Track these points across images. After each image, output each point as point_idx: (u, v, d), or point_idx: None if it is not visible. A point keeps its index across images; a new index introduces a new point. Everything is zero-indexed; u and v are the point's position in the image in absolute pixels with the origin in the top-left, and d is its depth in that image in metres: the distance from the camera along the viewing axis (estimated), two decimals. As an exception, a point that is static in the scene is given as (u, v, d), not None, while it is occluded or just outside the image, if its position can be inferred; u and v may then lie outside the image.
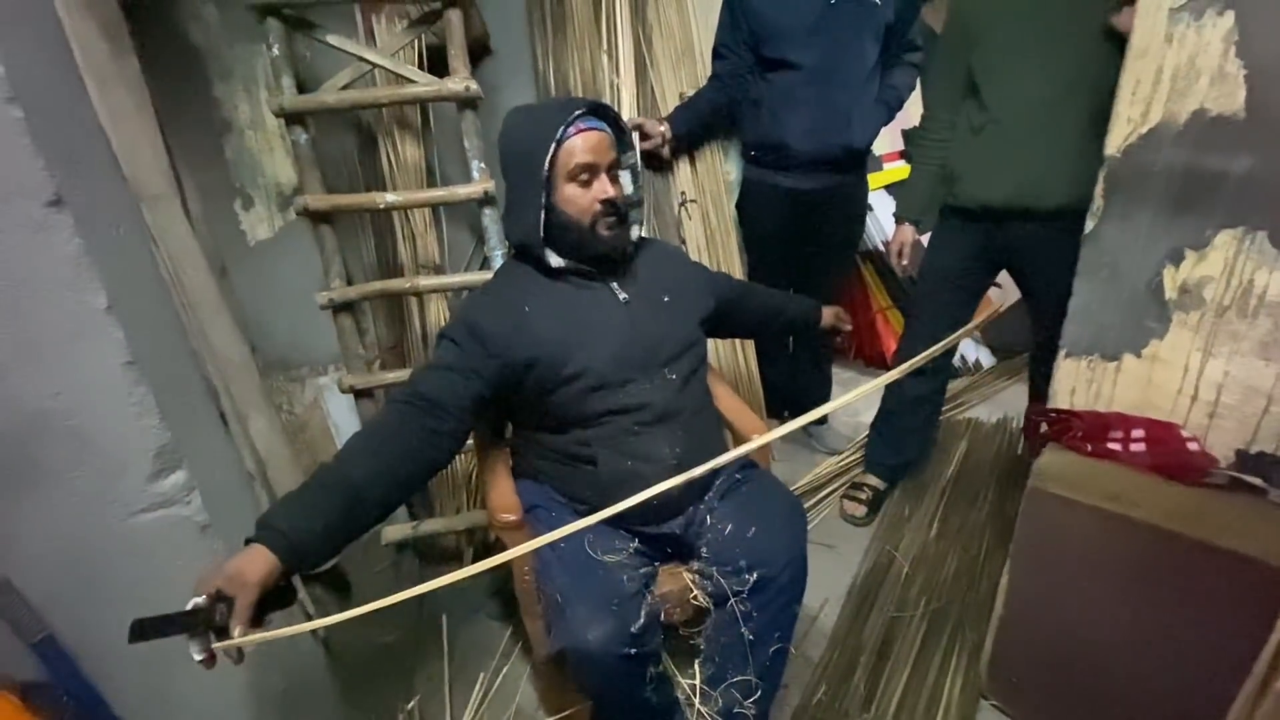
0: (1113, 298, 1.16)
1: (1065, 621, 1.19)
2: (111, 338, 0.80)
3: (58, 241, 0.75)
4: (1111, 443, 1.16)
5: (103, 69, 1.10)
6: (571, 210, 1.08)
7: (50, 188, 0.74)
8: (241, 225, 1.78)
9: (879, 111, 1.80)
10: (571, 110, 1.05)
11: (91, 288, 0.77)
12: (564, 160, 1.06)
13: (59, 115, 0.83)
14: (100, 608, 0.89)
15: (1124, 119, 1.10)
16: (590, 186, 1.08)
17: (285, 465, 1.40)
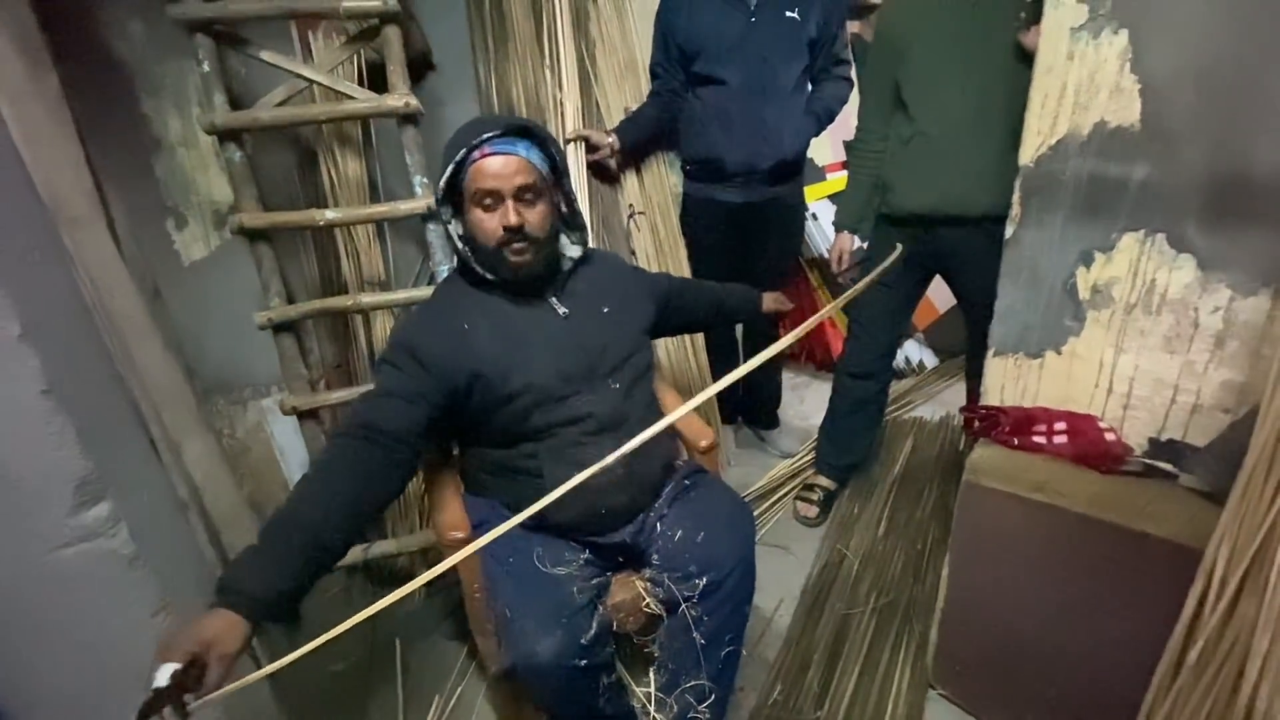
0: (1034, 299, 1.23)
1: (1001, 608, 1.25)
2: (26, 366, 0.77)
3: (-36, 268, 0.72)
4: (1036, 436, 1.22)
5: (17, 86, 1.06)
6: (478, 234, 1.08)
7: (-46, 212, 0.71)
8: (175, 245, 1.72)
9: (808, 123, 1.86)
10: (480, 133, 1.04)
11: (3, 315, 0.74)
12: (469, 184, 1.06)
13: (-36, 136, 0.80)
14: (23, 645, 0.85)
15: (1034, 131, 1.17)
16: (494, 212, 1.06)
17: (225, 491, 1.36)
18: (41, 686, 0.88)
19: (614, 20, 1.91)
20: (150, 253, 1.64)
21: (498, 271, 1.11)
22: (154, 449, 1.11)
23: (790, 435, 2.30)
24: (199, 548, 1.16)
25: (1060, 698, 1.20)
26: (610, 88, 1.93)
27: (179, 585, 1.02)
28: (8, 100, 0.99)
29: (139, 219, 1.60)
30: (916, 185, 1.55)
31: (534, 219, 1.08)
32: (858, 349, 1.81)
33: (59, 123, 1.19)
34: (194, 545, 1.14)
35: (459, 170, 1.06)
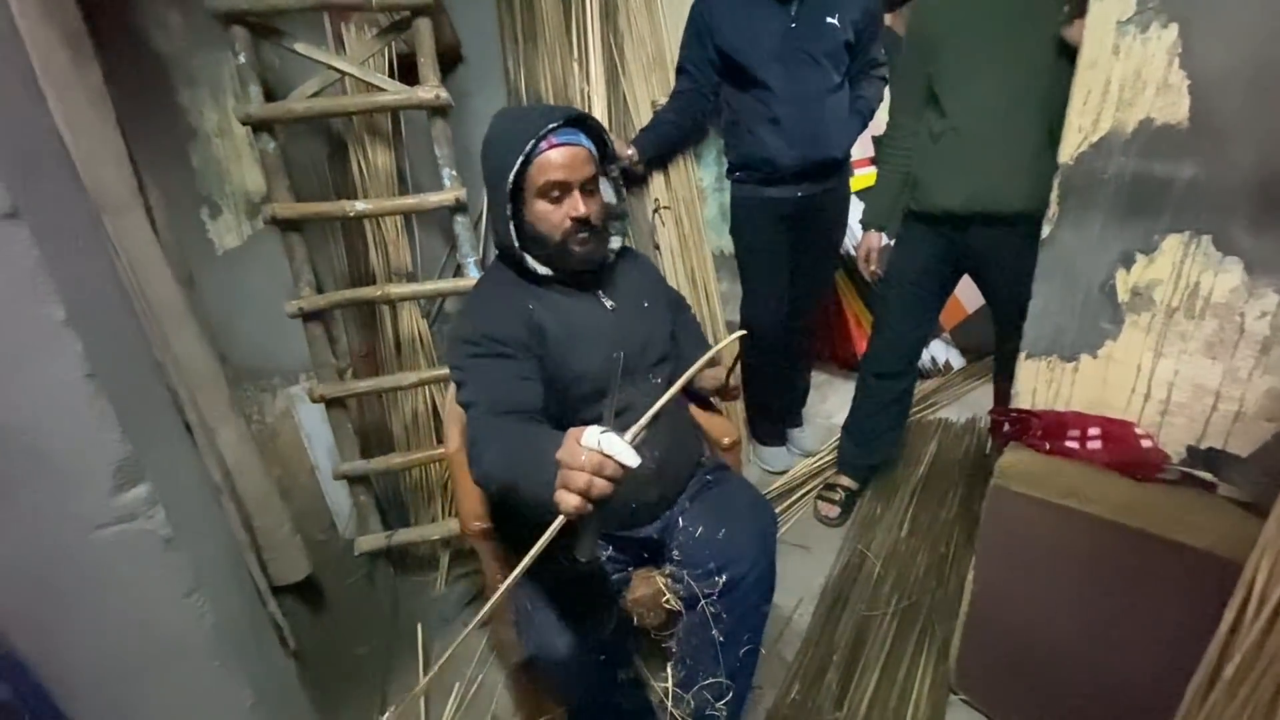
0: (1069, 300, 1.20)
1: (1027, 615, 1.22)
2: (70, 350, 0.79)
3: (14, 254, 0.74)
4: (1069, 441, 1.19)
5: (63, 77, 1.08)
6: (542, 227, 1.06)
7: (5, 200, 0.73)
8: (209, 234, 1.75)
9: (853, 122, 1.85)
10: (545, 124, 1.02)
11: (49, 300, 0.76)
12: (534, 176, 1.03)
13: (15, 126, 0.82)
14: (62, 624, 0.87)
15: (1075, 128, 1.14)
16: (561, 203, 1.05)
17: (255, 475, 1.39)
18: (80, 662, 0.90)
19: (643, 13, 1.90)
20: (185, 241, 1.67)
21: (558, 264, 1.10)
22: (189, 433, 1.14)
23: (812, 434, 2.29)
24: (231, 530, 1.19)
25: (1085, 708, 1.18)
26: (638, 81, 1.92)
27: (212, 567, 1.05)
28: (54, 91, 1.02)
29: (175, 208, 1.63)
30: (947, 182, 1.52)
31: (596, 209, 1.08)
32: (883, 348, 1.78)
33: (101, 113, 1.22)
34: (226, 528, 1.17)
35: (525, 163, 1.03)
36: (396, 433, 1.83)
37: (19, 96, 0.88)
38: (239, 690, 1.05)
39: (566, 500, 0.72)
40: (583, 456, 0.72)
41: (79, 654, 0.90)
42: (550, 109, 1.08)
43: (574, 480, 0.72)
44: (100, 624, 0.90)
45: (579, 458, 0.72)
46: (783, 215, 1.85)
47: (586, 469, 0.72)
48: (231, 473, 1.32)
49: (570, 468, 0.73)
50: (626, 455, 0.72)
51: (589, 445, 0.73)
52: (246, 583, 1.21)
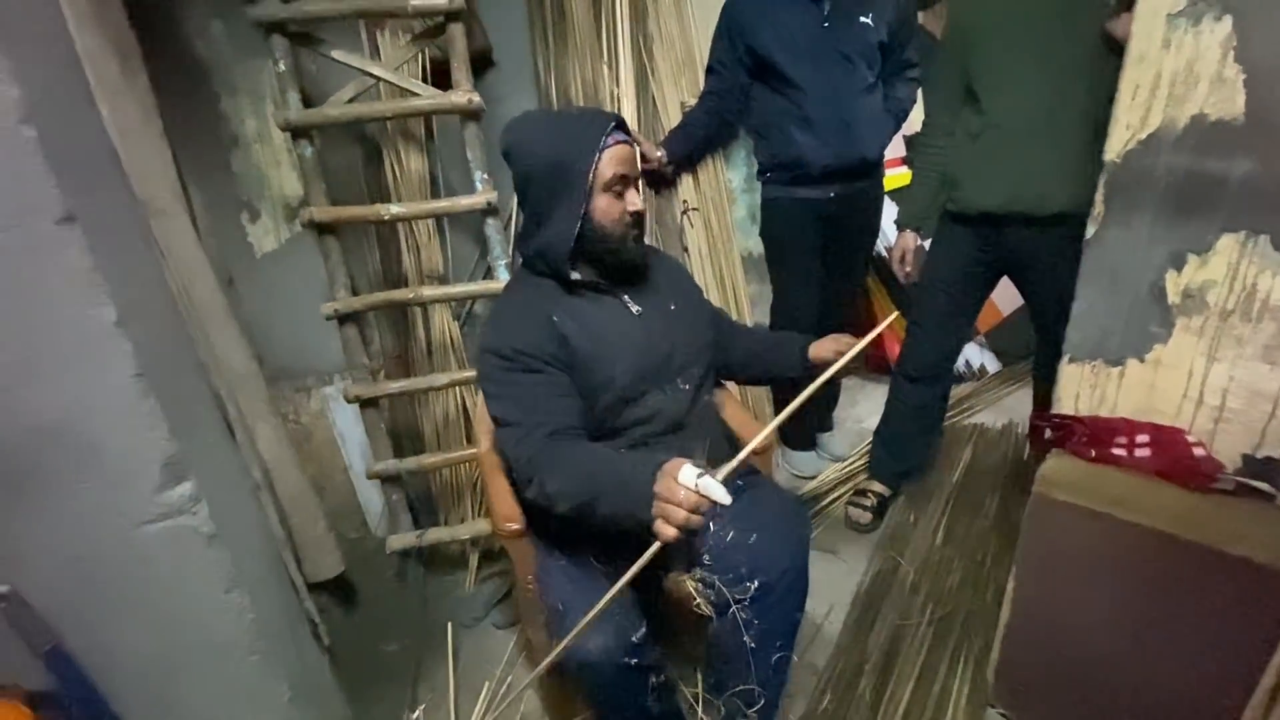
0: (1115, 302, 1.16)
1: (1072, 628, 1.18)
2: (120, 350, 0.81)
3: (68, 257, 0.76)
4: (1116, 448, 1.15)
5: (113, 86, 1.12)
6: (605, 221, 1.08)
7: (61, 205, 0.75)
8: (248, 237, 1.80)
9: (886, 122, 1.82)
10: (607, 123, 1.05)
11: (101, 302, 0.79)
12: (603, 171, 1.05)
13: (71, 133, 0.85)
14: (108, 617, 0.90)
15: (1123, 124, 1.10)
16: (623, 198, 1.08)
17: (292, 474, 1.42)
18: (124, 654, 0.93)
19: (673, 15, 1.90)
20: (225, 244, 1.72)
21: (608, 261, 1.12)
22: (230, 432, 1.16)
23: (842, 438, 2.25)
24: (269, 528, 1.21)
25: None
26: (667, 83, 1.91)
27: (251, 564, 1.07)
28: (106, 100, 1.05)
29: (216, 212, 1.68)
30: (986, 181, 1.48)
31: (643, 205, 1.12)
32: (917, 352, 1.75)
33: (149, 121, 1.26)
34: (265, 525, 1.20)
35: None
36: (427, 433, 1.86)
37: (75, 106, 0.91)
38: (276, 685, 1.07)
39: (666, 532, 0.81)
40: (681, 494, 0.81)
41: (123, 647, 0.92)
42: (597, 111, 1.10)
43: (674, 515, 0.81)
44: (144, 618, 0.93)
45: (678, 495, 0.81)
46: (814, 216, 1.82)
47: (685, 507, 0.80)
48: (269, 471, 1.34)
49: (670, 503, 0.81)
50: (721, 495, 0.79)
51: (686, 484, 0.81)
52: (284, 579, 1.23)
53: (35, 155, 0.74)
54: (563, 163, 1.04)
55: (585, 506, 0.96)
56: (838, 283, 1.96)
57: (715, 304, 1.48)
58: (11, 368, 0.76)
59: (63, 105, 0.87)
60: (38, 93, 0.76)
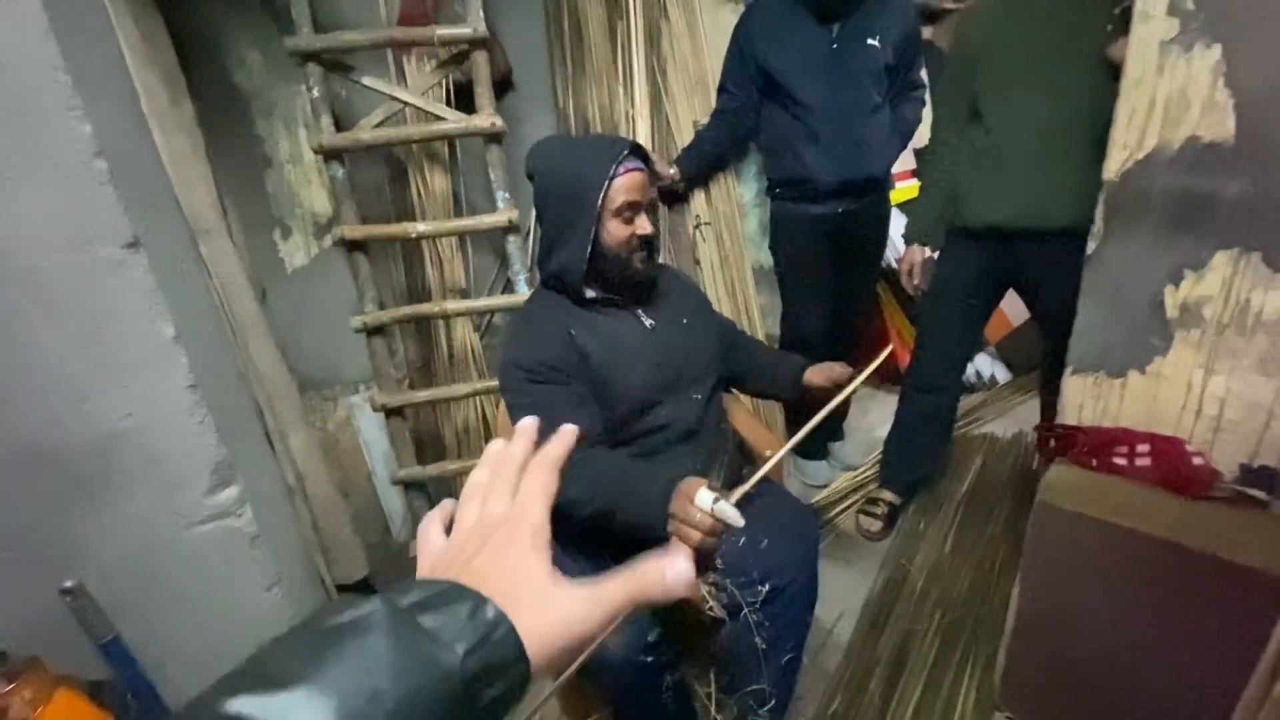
0: (1116, 316, 1.20)
1: (1074, 633, 1.21)
2: (177, 363, 0.88)
3: (134, 278, 0.84)
4: (1117, 457, 1.18)
5: (164, 115, 1.20)
6: (614, 244, 1.13)
7: (128, 231, 0.82)
8: (280, 253, 1.88)
9: (894, 141, 1.87)
10: (620, 150, 1.11)
11: (162, 319, 0.86)
12: (613, 197, 1.11)
13: (133, 163, 0.93)
14: (161, 612, 0.97)
15: (1120, 145, 1.14)
16: (632, 223, 1.13)
17: (322, 479, 1.48)
18: (175, 648, 1.00)
19: (685, 37, 1.96)
20: (258, 260, 1.80)
21: (617, 281, 1.16)
22: (268, 439, 1.23)
23: (854, 447, 2.29)
24: (303, 530, 1.28)
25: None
26: (681, 102, 1.98)
27: (288, 563, 1.13)
28: (158, 128, 1.13)
29: (250, 230, 1.76)
30: (993, 197, 1.53)
31: (655, 228, 1.16)
32: (926, 362, 1.79)
33: (194, 145, 1.34)
34: (299, 528, 1.26)
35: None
36: (449, 441, 1.92)
37: (135, 137, 0.99)
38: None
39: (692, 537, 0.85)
40: (697, 517, 0.84)
41: (174, 640, 0.99)
42: (614, 139, 1.16)
43: (690, 537, 0.85)
44: (193, 613, 0.99)
45: (694, 518, 0.84)
46: (823, 231, 1.88)
47: (701, 529, 0.84)
48: (302, 476, 1.41)
49: (685, 524, 0.86)
50: (736, 519, 0.80)
51: (702, 507, 0.83)
52: (316, 579, 1.29)
53: (106, 186, 0.81)
54: (576, 189, 1.10)
55: (601, 516, 1.01)
56: (848, 296, 2.00)
57: (727, 315, 1.53)
58: (84, 378, 0.83)
59: (125, 137, 0.95)
60: (105, 127, 0.83)
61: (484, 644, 0.30)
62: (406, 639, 0.28)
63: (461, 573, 0.35)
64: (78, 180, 0.79)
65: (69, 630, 0.89)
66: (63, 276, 0.81)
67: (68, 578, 0.88)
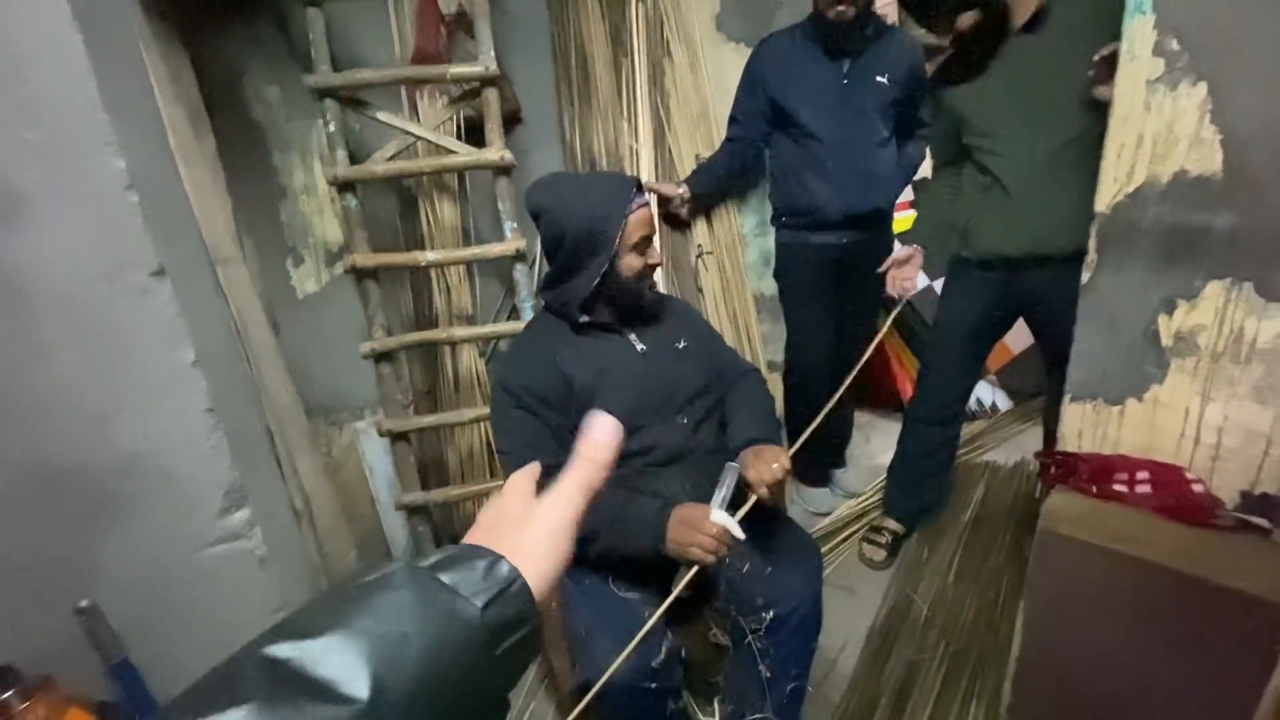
0: (1113, 344, 1.21)
1: (1080, 662, 1.21)
2: (196, 388, 0.91)
3: (159, 305, 0.87)
4: (1117, 484, 1.19)
5: (188, 149, 1.25)
6: (630, 275, 1.20)
7: (155, 259, 0.86)
8: (291, 280, 1.92)
9: (899, 175, 1.92)
10: (630, 188, 1.18)
11: (183, 344, 0.89)
12: (629, 234, 1.17)
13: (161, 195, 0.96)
14: (171, 633, 0.97)
15: (1110, 179, 1.17)
16: (645, 254, 1.21)
17: (328, 504, 1.50)
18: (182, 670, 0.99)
19: (688, 74, 2.03)
20: (271, 288, 1.84)
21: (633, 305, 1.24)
22: (278, 463, 1.25)
23: (856, 474, 2.29)
24: (309, 553, 1.29)
25: (1145, 761, 1.15)
26: (683, 137, 2.04)
27: (295, 586, 1.14)
28: (183, 161, 1.18)
29: (264, 257, 1.80)
30: (999, 231, 1.55)
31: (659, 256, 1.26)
32: (930, 393, 1.80)
33: (215, 177, 1.39)
34: (306, 551, 1.27)
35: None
36: (453, 466, 1.93)
37: (164, 170, 1.03)
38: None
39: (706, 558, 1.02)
40: (715, 530, 1.01)
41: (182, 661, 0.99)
42: (620, 177, 1.21)
43: (707, 544, 1.01)
44: (202, 634, 1.00)
45: (712, 530, 1.01)
46: (827, 261, 1.91)
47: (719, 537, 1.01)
48: (309, 499, 1.42)
49: (704, 533, 1.02)
50: (738, 530, 1.02)
51: (718, 521, 1.02)
52: (321, 604, 1.29)
53: (136, 217, 0.85)
54: (593, 228, 1.15)
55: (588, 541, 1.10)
56: (850, 324, 2.03)
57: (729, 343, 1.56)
58: (106, 402, 0.86)
59: (154, 171, 0.99)
60: (137, 162, 0.87)
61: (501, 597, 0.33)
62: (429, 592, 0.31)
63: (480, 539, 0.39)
64: (110, 212, 0.83)
65: (81, 650, 0.90)
66: (91, 303, 0.84)
67: (83, 598, 0.89)
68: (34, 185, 0.79)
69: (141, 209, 0.84)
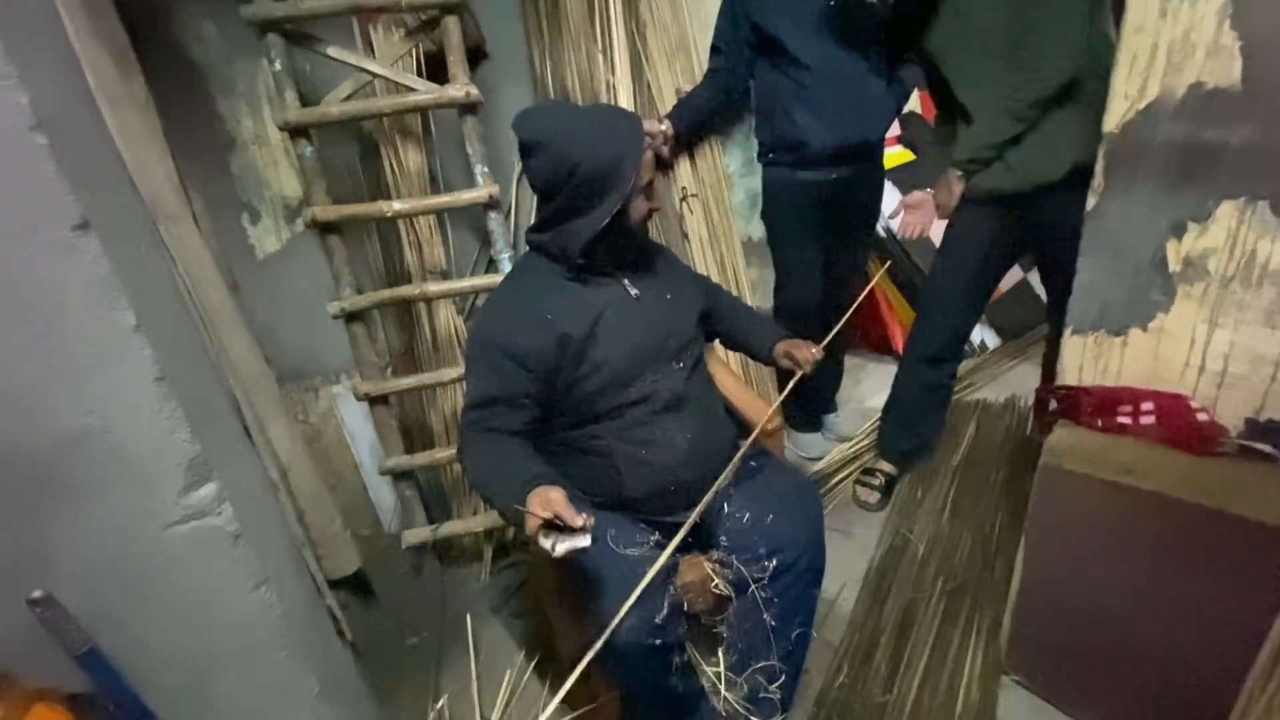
0: (1117, 273, 1.17)
1: (1082, 594, 1.21)
2: (140, 355, 0.82)
3: (86, 263, 0.77)
4: (1121, 417, 1.17)
5: (113, 92, 1.11)
6: (636, 218, 1.15)
7: (76, 211, 0.76)
8: (250, 239, 1.80)
9: (890, 104, 1.82)
10: (640, 127, 1.11)
11: (120, 307, 0.79)
12: (642, 175, 1.11)
13: (79, 140, 0.85)
14: (141, 618, 0.91)
15: (1121, 95, 1.11)
16: (649, 197, 1.16)
17: (306, 473, 1.43)
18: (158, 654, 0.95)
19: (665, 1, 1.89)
20: (228, 246, 1.71)
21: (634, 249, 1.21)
22: (246, 433, 1.17)
23: (847, 418, 2.27)
24: (288, 525, 1.23)
25: (1143, 687, 1.17)
26: (661, 69, 1.91)
27: (275, 562, 1.08)
28: (107, 105, 1.05)
29: (217, 214, 1.67)
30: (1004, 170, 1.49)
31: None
32: (930, 333, 1.75)
33: (149, 125, 1.25)
34: (284, 523, 1.21)
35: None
36: (436, 428, 1.87)
37: (80, 112, 0.91)
38: (304, 679, 1.09)
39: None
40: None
41: (157, 646, 0.94)
42: (625, 114, 1.15)
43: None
44: (176, 617, 0.94)
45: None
46: (816, 198, 1.83)
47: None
48: (285, 469, 1.35)
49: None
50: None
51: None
52: (305, 576, 1.24)
53: (48, 162, 0.74)
54: (609, 168, 1.06)
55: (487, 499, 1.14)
56: (840, 264, 1.96)
57: None
58: (37, 376, 0.77)
59: (69, 111, 0.87)
60: (45, 100, 0.76)
61: None
62: None
63: None
64: (15, 157, 0.72)
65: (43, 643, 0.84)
66: (6, 264, 0.74)
67: (36, 588, 0.82)
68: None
69: (53, 152, 0.73)
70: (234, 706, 1.02)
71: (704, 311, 1.32)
